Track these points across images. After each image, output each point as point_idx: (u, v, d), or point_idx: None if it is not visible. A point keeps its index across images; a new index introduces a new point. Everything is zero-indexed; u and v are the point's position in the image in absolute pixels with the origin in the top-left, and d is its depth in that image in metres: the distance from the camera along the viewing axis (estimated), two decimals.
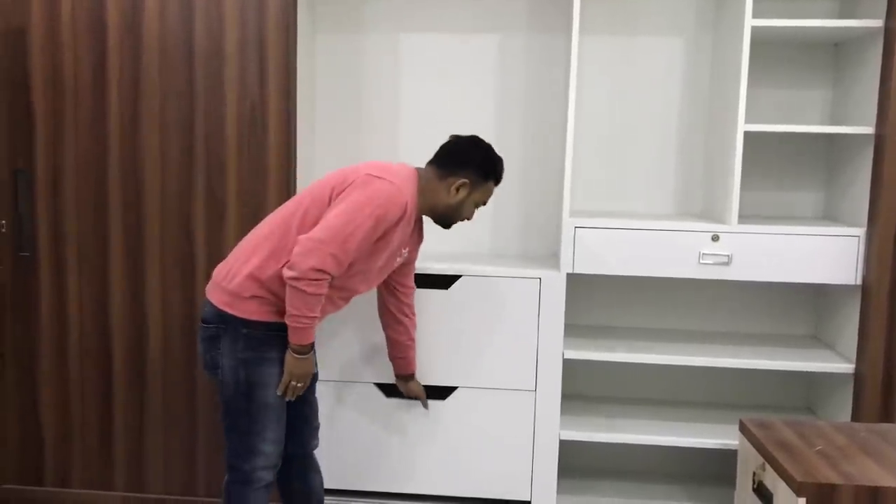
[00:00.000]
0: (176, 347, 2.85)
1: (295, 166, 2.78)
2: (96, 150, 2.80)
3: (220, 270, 2.33)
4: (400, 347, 2.65)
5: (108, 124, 2.79)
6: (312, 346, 2.28)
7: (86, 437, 2.93)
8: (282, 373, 2.28)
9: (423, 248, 3.10)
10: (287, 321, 2.21)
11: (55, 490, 2.96)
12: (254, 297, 2.24)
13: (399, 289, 2.56)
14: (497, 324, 2.80)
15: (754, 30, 2.67)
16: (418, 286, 2.78)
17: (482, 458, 2.85)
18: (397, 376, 2.73)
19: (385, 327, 2.63)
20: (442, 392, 2.84)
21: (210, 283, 2.34)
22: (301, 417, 2.45)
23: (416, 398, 2.77)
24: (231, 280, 2.26)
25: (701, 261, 2.75)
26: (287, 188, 2.75)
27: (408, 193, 2.26)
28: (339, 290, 2.32)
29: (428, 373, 2.82)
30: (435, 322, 2.80)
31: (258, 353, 2.25)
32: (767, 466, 2.36)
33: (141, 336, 2.86)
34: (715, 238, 2.74)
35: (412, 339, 2.65)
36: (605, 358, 2.84)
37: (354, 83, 3.11)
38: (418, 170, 2.39)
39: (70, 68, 2.77)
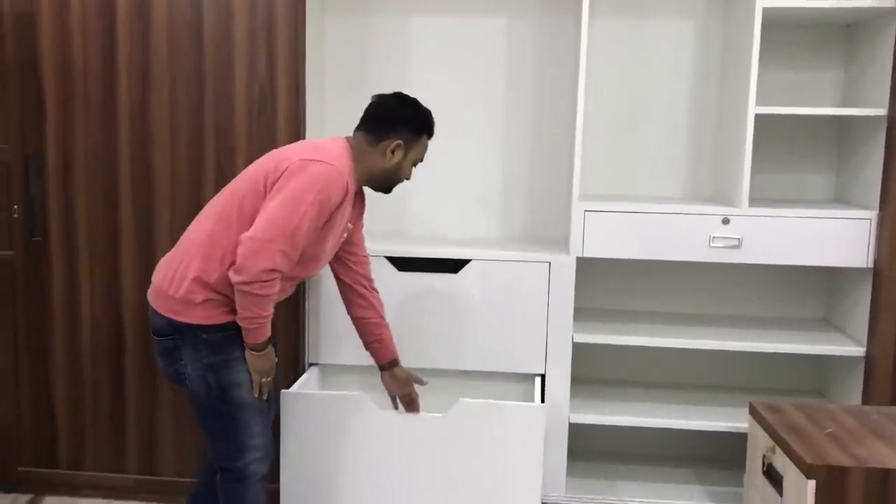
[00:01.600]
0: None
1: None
2: (107, 135, 2.81)
3: (162, 276, 2.20)
4: (370, 327, 2.49)
5: (118, 109, 2.79)
6: (270, 339, 2.20)
7: (99, 419, 2.95)
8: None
9: (431, 232, 3.14)
10: (240, 323, 2.12)
11: (69, 472, 2.99)
12: (206, 301, 2.13)
13: (350, 259, 2.46)
14: (506, 308, 2.80)
15: (765, 11, 2.64)
16: (428, 271, 2.80)
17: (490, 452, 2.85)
18: (380, 367, 2.55)
19: (349, 307, 2.50)
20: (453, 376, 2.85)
21: (152, 289, 2.22)
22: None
23: (406, 394, 2.56)
24: (178, 287, 2.14)
25: (711, 244, 2.74)
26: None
27: (347, 170, 2.17)
28: (289, 279, 2.24)
29: (438, 357, 2.83)
30: (444, 307, 2.81)
31: (223, 355, 2.17)
32: (777, 449, 2.36)
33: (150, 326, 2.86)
34: (725, 221, 2.73)
35: (381, 317, 2.50)
36: (614, 341, 2.84)
37: (363, 66, 3.10)
38: (348, 139, 2.30)
39: (79, 54, 2.78)
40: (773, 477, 2.39)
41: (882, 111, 2.65)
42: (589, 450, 3.14)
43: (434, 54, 3.09)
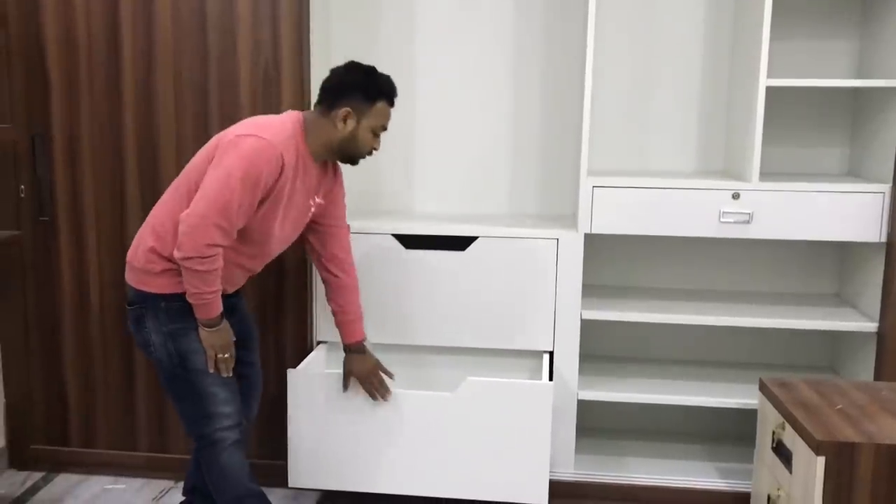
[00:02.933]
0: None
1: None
2: (112, 115, 2.80)
3: (130, 252, 2.29)
4: (336, 316, 2.53)
5: (122, 88, 2.78)
6: (223, 315, 2.23)
7: (109, 398, 2.97)
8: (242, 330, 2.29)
9: (437, 209, 3.12)
10: (189, 300, 2.17)
11: (81, 450, 3.02)
12: (164, 271, 2.20)
13: (326, 227, 2.44)
14: (514, 285, 2.78)
15: None
16: (435, 248, 2.78)
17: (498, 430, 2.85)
18: (346, 349, 2.56)
19: (323, 281, 2.52)
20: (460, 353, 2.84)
21: (126, 266, 2.30)
22: (240, 380, 2.40)
23: (369, 380, 2.54)
24: (139, 258, 2.23)
25: (721, 219, 2.70)
26: None
27: (282, 144, 2.14)
28: (247, 261, 2.29)
29: (446, 334, 2.82)
30: (452, 284, 2.80)
31: (181, 323, 2.21)
32: (787, 425, 2.35)
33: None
34: (735, 196, 2.70)
35: (343, 308, 2.51)
36: (623, 318, 2.82)
37: (370, 43, 3.07)
38: (304, 114, 2.29)
39: (83, 32, 2.76)
40: (782, 453, 2.38)
41: None
42: (598, 427, 3.14)
43: (441, 29, 3.05)
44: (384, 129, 2.33)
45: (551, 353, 2.81)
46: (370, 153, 2.34)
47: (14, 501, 2.84)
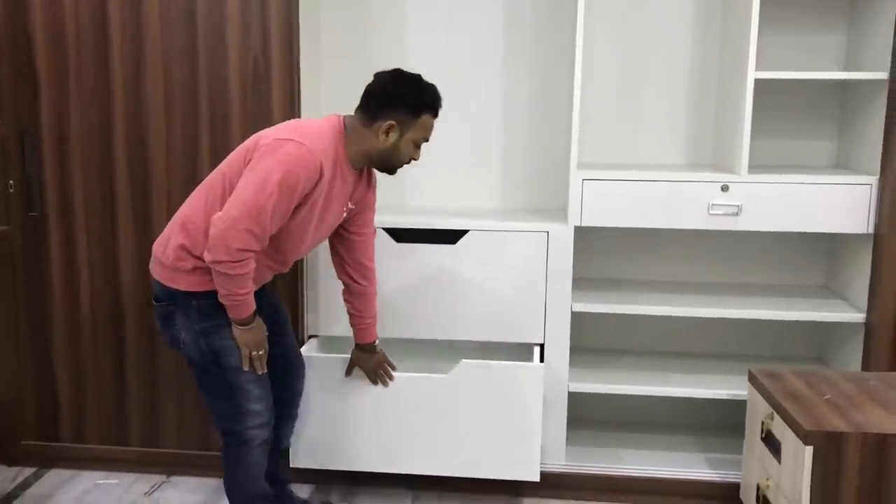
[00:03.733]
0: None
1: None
2: (101, 110, 2.79)
3: (157, 246, 2.27)
4: (352, 317, 2.55)
5: (111, 83, 2.77)
6: (255, 313, 2.22)
7: (100, 393, 2.97)
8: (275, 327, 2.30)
9: (429, 204, 3.12)
10: (221, 301, 2.15)
11: (72, 446, 3.01)
12: (195, 269, 2.18)
13: (354, 235, 2.42)
14: (505, 278, 2.79)
15: None
16: (426, 242, 2.79)
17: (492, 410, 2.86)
18: (358, 347, 2.61)
19: (341, 280, 2.51)
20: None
21: (152, 258, 2.28)
22: (280, 360, 2.42)
23: (372, 372, 2.63)
24: (169, 256, 2.21)
25: (710, 212, 2.72)
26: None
27: (322, 152, 2.12)
28: (276, 262, 2.28)
29: (436, 328, 2.83)
30: (442, 277, 2.80)
31: (214, 321, 2.20)
32: (776, 416, 2.36)
33: (151, 292, 2.85)
34: (724, 188, 2.71)
35: (361, 312, 2.52)
36: (613, 310, 2.83)
37: (359, 36, 3.07)
38: (345, 118, 2.25)
39: (72, 28, 2.75)
40: (771, 443, 2.40)
41: (884, 75, 2.62)
42: (588, 418, 3.15)
43: (431, 22, 3.05)
44: (426, 140, 2.29)
45: (542, 346, 2.81)
46: (409, 163, 2.31)
47: (5, 497, 2.83)
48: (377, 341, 2.61)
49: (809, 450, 2.14)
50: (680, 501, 2.81)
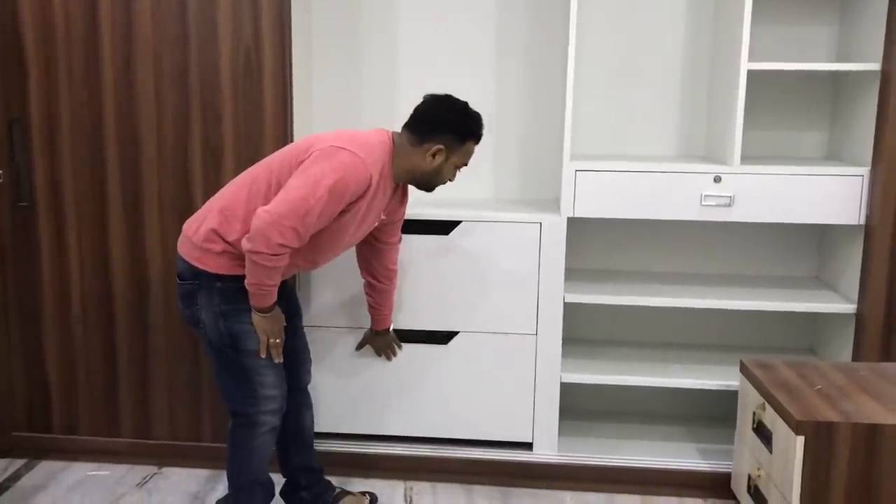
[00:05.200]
0: (176, 293, 2.84)
1: (291, 111, 2.74)
2: (91, 99, 2.77)
3: (189, 225, 2.31)
4: (371, 309, 2.70)
5: (101, 72, 2.75)
6: (276, 303, 2.26)
7: (91, 384, 2.96)
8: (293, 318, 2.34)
9: (420, 193, 3.09)
10: (247, 287, 2.19)
11: (63, 437, 3.00)
12: (223, 252, 2.22)
13: (377, 243, 2.53)
14: (498, 269, 2.79)
15: None
16: (419, 232, 2.78)
17: (484, 401, 2.87)
18: (373, 331, 2.78)
19: (363, 276, 2.63)
20: (443, 337, 2.85)
21: (181, 236, 2.32)
22: (292, 353, 2.45)
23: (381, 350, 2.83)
24: (200, 236, 2.24)
25: (703, 203, 2.72)
26: (284, 133, 2.72)
27: (373, 165, 2.20)
28: (307, 261, 2.33)
29: (429, 318, 2.83)
30: (435, 268, 2.80)
31: (235, 305, 2.24)
32: (767, 406, 2.38)
33: (142, 283, 2.86)
34: (717, 179, 2.71)
35: (381, 305, 2.67)
36: (605, 301, 2.84)
37: (350, 28, 3.06)
38: (393, 135, 2.33)
39: (61, 16, 2.72)
40: (763, 433, 2.41)
41: (876, 66, 2.62)
42: (581, 409, 3.16)
43: (423, 14, 3.04)
44: (466, 165, 2.39)
45: (535, 336, 2.82)
46: (445, 184, 2.40)
47: None
48: (391, 328, 2.76)
49: (800, 440, 2.15)
50: (671, 491, 2.82)
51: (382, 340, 2.79)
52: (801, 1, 2.93)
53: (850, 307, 2.76)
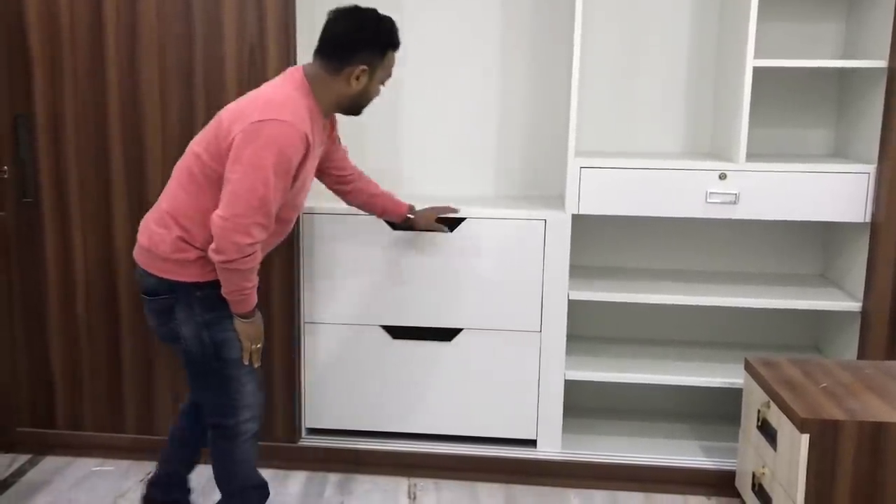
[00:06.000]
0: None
1: None
2: (96, 95, 2.77)
3: (149, 236, 2.17)
4: (368, 207, 2.61)
5: (106, 68, 2.75)
6: (257, 305, 2.19)
7: (95, 380, 2.96)
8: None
9: (425, 191, 3.11)
10: (226, 297, 2.10)
11: (67, 432, 3.00)
12: (199, 258, 2.12)
13: (330, 169, 2.46)
14: (502, 266, 2.79)
15: None
16: (422, 229, 2.78)
17: (488, 398, 2.87)
18: (404, 222, 2.69)
19: (343, 198, 2.59)
20: (448, 334, 2.85)
21: (141, 250, 2.19)
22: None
23: (442, 213, 2.72)
24: (169, 248, 2.13)
25: (708, 200, 2.71)
26: None
27: (302, 122, 2.04)
28: (281, 233, 2.25)
29: (433, 315, 2.83)
30: (440, 264, 2.80)
31: (217, 312, 2.15)
32: (772, 404, 2.37)
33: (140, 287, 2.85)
34: (722, 177, 2.70)
35: (377, 192, 2.59)
36: (609, 298, 2.84)
37: None
38: (305, 70, 2.16)
39: (66, 11, 2.72)
40: (767, 431, 2.40)
41: (882, 63, 2.61)
42: (585, 406, 3.15)
43: (428, 9, 3.03)
44: (390, 76, 2.25)
45: (539, 334, 2.82)
46: (370, 102, 2.27)
47: (0, 484, 2.83)
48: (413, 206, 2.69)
49: (805, 438, 2.15)
50: (675, 489, 2.81)
51: (424, 217, 2.68)
52: None
53: (855, 305, 2.75)
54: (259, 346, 2.21)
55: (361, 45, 2.13)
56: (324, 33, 2.17)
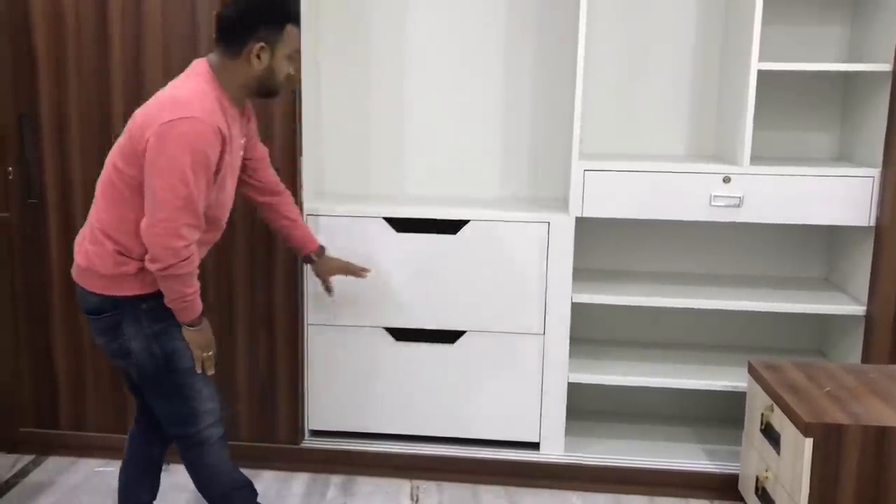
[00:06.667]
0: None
1: (300, 113, 2.74)
2: (100, 96, 2.77)
3: (85, 254, 2.13)
4: (279, 231, 2.51)
5: (111, 69, 2.75)
6: (203, 313, 2.14)
7: (99, 381, 2.96)
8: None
9: (428, 192, 3.11)
10: (170, 306, 2.07)
11: (70, 433, 3.00)
12: (140, 270, 2.07)
13: (254, 163, 2.35)
14: (505, 268, 2.79)
15: None
16: (426, 231, 2.79)
17: (491, 400, 2.87)
18: (305, 260, 2.59)
19: (259, 212, 2.49)
20: (451, 336, 2.85)
21: (79, 269, 2.15)
22: None
23: (344, 274, 2.64)
24: (106, 264, 2.08)
25: (712, 203, 2.71)
26: (292, 134, 2.72)
27: (212, 114, 2.00)
28: (214, 230, 2.20)
29: (437, 317, 2.83)
30: (443, 267, 2.80)
31: (164, 322, 2.11)
32: (775, 407, 2.36)
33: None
34: (726, 180, 2.70)
35: (287, 218, 2.47)
36: (613, 301, 2.83)
37: (360, 25, 3.05)
38: (210, 62, 2.11)
39: (71, 11, 2.73)
40: (771, 435, 2.40)
41: (887, 67, 2.61)
42: (588, 409, 3.15)
43: (433, 10, 3.03)
44: (298, 52, 2.18)
45: (542, 336, 2.81)
46: (289, 82, 2.19)
47: (4, 485, 2.83)
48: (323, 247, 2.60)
49: (809, 442, 2.14)
50: (678, 492, 2.81)
51: (332, 263, 2.61)
52: (812, 1, 2.91)
53: (859, 309, 2.75)
54: (210, 353, 2.16)
55: (254, 23, 2.07)
56: (218, 19, 2.13)
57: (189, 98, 2.02)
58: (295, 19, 2.14)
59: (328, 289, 2.66)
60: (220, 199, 2.15)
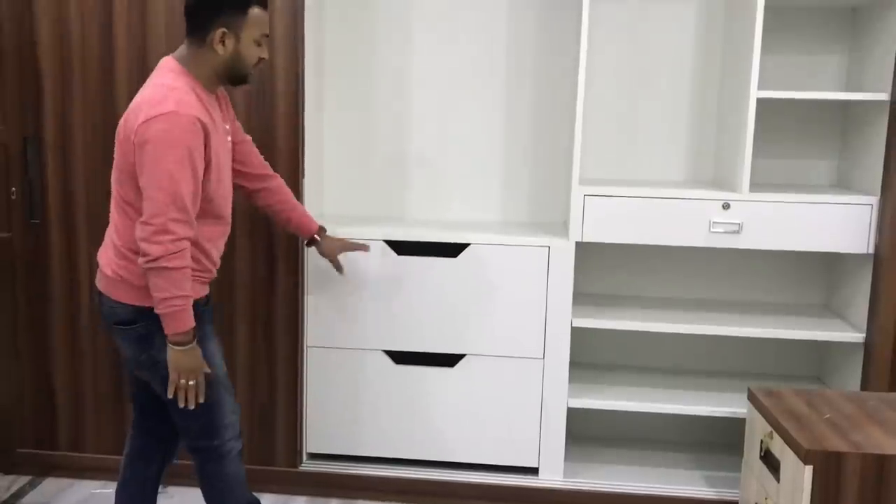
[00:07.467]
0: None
1: (303, 130, 2.76)
2: (105, 117, 2.79)
3: (114, 266, 2.13)
4: (275, 215, 2.50)
5: (116, 90, 2.77)
6: (195, 333, 2.07)
7: (98, 401, 2.96)
8: (220, 342, 2.23)
9: (429, 216, 3.13)
10: (158, 311, 2.02)
11: (69, 454, 2.99)
12: None
13: (241, 146, 2.36)
14: (505, 292, 2.79)
15: None
16: (427, 255, 2.79)
17: (490, 424, 2.86)
18: (309, 242, 2.58)
19: (252, 200, 2.47)
20: (450, 359, 2.85)
21: (107, 280, 2.15)
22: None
23: (348, 251, 2.64)
24: (138, 276, 2.08)
25: (711, 229, 2.72)
26: (296, 151, 2.74)
27: (188, 106, 2.00)
28: (223, 223, 2.21)
29: (437, 340, 2.83)
30: (443, 290, 2.80)
31: (196, 331, 2.09)
32: (775, 434, 2.36)
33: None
34: (726, 206, 2.72)
35: (284, 202, 2.47)
36: (613, 326, 2.84)
37: (363, 46, 3.08)
38: (176, 56, 2.12)
39: (77, 34, 2.75)
40: (770, 462, 2.39)
41: (885, 96, 2.63)
42: (587, 435, 3.14)
43: (434, 34, 3.06)
44: (266, 36, 2.16)
45: (542, 361, 2.82)
46: (258, 65, 2.18)
47: None
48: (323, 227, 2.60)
49: (809, 469, 2.14)
50: None
51: (335, 242, 2.61)
52: (811, 30, 2.94)
53: (858, 336, 2.75)
54: (192, 383, 2.08)
55: (214, 9, 2.07)
56: (184, 9, 2.13)
57: (162, 95, 2.02)
58: (260, 2, 2.11)
59: (338, 267, 2.64)
60: (219, 192, 2.16)
